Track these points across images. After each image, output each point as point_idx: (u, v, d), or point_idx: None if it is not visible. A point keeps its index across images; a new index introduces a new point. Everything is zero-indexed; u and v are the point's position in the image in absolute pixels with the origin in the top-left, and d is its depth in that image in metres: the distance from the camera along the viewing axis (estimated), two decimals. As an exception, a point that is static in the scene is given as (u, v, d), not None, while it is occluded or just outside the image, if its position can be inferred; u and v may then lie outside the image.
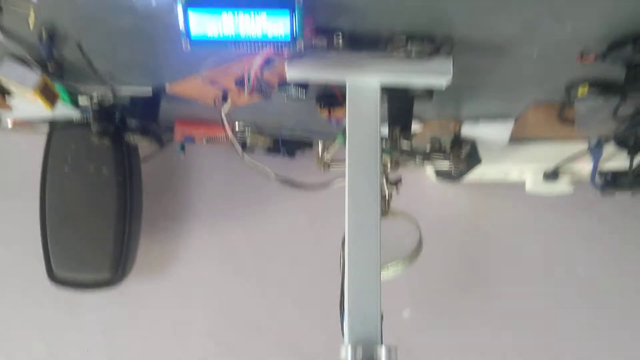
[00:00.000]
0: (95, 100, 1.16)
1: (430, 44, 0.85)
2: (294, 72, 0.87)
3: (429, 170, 1.53)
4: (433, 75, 0.87)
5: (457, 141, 1.21)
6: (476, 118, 1.21)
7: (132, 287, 1.44)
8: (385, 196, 0.99)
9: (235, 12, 0.75)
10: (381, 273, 0.83)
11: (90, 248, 1.32)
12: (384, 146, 0.94)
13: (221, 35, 0.78)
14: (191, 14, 0.75)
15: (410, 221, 1.01)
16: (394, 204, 1.05)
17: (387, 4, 0.78)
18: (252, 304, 1.53)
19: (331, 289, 1.02)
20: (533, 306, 1.53)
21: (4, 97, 1.14)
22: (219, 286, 1.54)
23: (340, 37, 0.84)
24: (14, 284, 1.51)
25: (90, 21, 0.85)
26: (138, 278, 1.45)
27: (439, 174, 1.44)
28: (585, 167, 1.31)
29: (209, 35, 0.78)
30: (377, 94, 0.88)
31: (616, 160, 1.27)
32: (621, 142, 1.19)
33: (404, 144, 0.97)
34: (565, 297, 1.54)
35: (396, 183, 1.00)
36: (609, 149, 1.24)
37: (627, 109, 1.02)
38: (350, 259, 0.85)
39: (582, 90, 0.98)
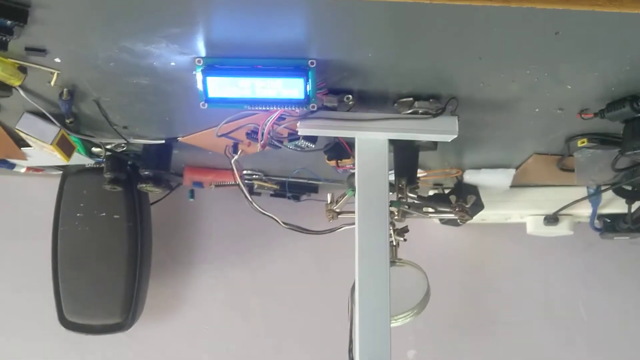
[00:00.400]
0: (107, 153, 1.19)
1: (436, 103, 0.89)
2: (306, 129, 0.91)
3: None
4: (439, 132, 0.90)
5: (460, 189, 1.24)
6: (478, 166, 1.24)
7: (139, 330, 1.45)
8: (393, 245, 1.02)
9: (252, 79, 0.79)
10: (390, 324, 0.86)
11: (101, 293, 1.34)
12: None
13: (238, 96, 0.81)
14: (209, 80, 0.79)
15: (417, 270, 1.03)
16: (400, 249, 1.07)
17: (394, 67, 0.82)
18: (258, 347, 1.54)
19: (337, 331, 1.05)
20: (535, 345, 1.55)
21: (20, 148, 1.17)
22: (226, 329, 1.55)
23: (350, 97, 0.88)
24: (23, 327, 1.53)
25: (110, 81, 0.89)
26: (145, 321, 1.46)
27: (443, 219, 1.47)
28: (584, 211, 1.34)
29: (225, 96, 0.82)
30: (385, 150, 0.91)
31: (614, 205, 1.31)
32: (619, 191, 1.22)
33: (410, 196, 1.00)
34: (567, 335, 1.55)
35: (403, 232, 1.03)
36: (608, 194, 1.28)
37: (624, 160, 1.06)
38: (360, 309, 0.87)
39: (582, 142, 1.02)
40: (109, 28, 0.73)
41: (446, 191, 1.34)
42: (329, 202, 1.03)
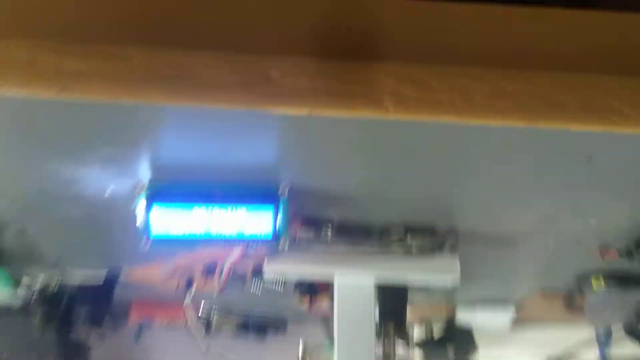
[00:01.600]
0: (38, 287, 1.01)
1: (432, 237, 0.74)
2: (273, 269, 0.75)
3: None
4: (437, 274, 0.75)
5: (452, 330, 1.08)
6: (472, 302, 1.09)
7: None
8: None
9: (210, 207, 0.63)
10: None
11: None
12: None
13: (188, 233, 0.65)
14: (154, 210, 0.63)
15: None
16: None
17: (383, 193, 0.68)
18: None
19: None
20: None
21: None
22: None
23: (330, 228, 0.73)
24: None
25: (36, 209, 0.74)
26: None
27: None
28: (592, 354, 1.19)
29: (172, 234, 0.65)
30: (372, 294, 0.75)
31: (624, 346, 1.16)
32: (632, 333, 1.08)
33: (400, 345, 0.84)
34: None
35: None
36: (618, 334, 1.13)
37: (641, 300, 0.92)
38: None
39: (597, 284, 0.88)
40: (29, 147, 0.58)
41: (435, 329, 1.18)
42: (300, 355, 0.86)
